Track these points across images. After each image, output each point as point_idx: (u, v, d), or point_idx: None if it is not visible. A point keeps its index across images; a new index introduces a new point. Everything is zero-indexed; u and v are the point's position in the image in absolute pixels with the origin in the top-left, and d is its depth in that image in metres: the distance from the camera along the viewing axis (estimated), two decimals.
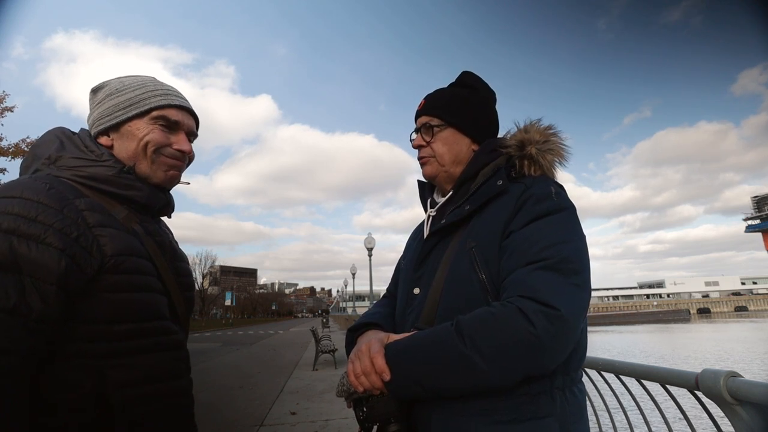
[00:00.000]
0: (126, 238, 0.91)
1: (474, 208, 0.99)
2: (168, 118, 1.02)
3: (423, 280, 1.02)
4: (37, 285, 0.76)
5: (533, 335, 0.78)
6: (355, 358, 0.92)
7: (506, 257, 0.90)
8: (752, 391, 1.30)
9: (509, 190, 0.98)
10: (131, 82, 1.03)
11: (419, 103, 1.17)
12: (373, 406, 0.88)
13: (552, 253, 0.85)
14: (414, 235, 1.26)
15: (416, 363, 0.85)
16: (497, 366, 0.79)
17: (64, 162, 0.93)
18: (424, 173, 1.15)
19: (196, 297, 25.08)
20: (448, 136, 1.12)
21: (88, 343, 0.83)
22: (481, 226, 0.96)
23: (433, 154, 1.11)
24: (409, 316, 1.02)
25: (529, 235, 0.89)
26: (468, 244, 0.95)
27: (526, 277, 0.84)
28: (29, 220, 0.78)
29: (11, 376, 0.73)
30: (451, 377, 0.82)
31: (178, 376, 0.98)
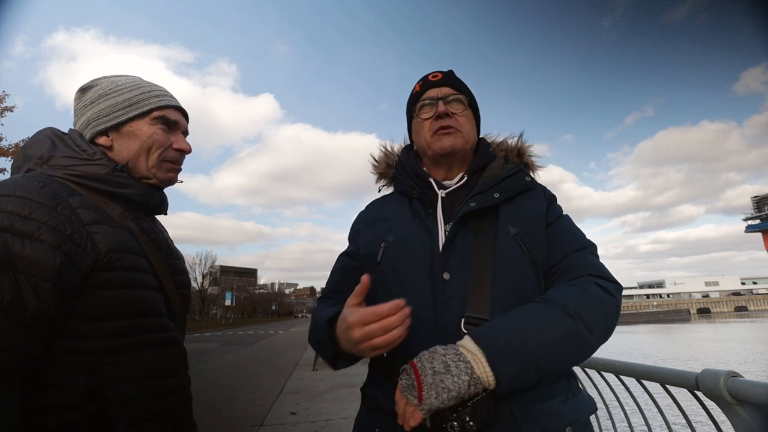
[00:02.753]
0: (121, 235, 0.91)
1: (505, 197, 1.00)
2: (167, 118, 1.04)
3: (453, 265, 0.94)
4: (32, 282, 0.76)
5: (616, 305, 0.90)
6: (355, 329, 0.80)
7: (556, 243, 0.97)
8: (752, 391, 1.30)
9: (534, 187, 1.06)
10: (124, 82, 1.03)
11: (431, 74, 1.12)
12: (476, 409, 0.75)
13: (589, 243, 1.00)
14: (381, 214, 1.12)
15: (534, 347, 0.79)
16: (600, 335, 0.86)
17: (57, 161, 0.93)
18: (445, 144, 1.04)
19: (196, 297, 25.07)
20: (469, 116, 1.11)
21: (84, 341, 0.83)
22: (517, 214, 0.99)
23: (461, 128, 1.06)
24: (447, 303, 0.91)
25: (568, 226, 1.01)
26: (511, 229, 0.96)
27: (588, 259, 0.95)
28: (23, 218, 0.79)
29: (6, 373, 0.73)
30: (567, 354, 0.83)
31: (175, 373, 0.98)
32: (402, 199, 1.11)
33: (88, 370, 0.83)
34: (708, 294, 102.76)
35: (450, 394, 0.74)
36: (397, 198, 1.14)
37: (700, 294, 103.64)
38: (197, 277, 67.73)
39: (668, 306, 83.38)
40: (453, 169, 1.10)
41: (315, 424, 4.87)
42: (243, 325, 57.33)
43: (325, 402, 6.07)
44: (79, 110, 1.03)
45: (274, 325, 52.63)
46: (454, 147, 1.05)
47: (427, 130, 1.07)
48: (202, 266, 70.20)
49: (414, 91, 1.13)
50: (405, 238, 1.02)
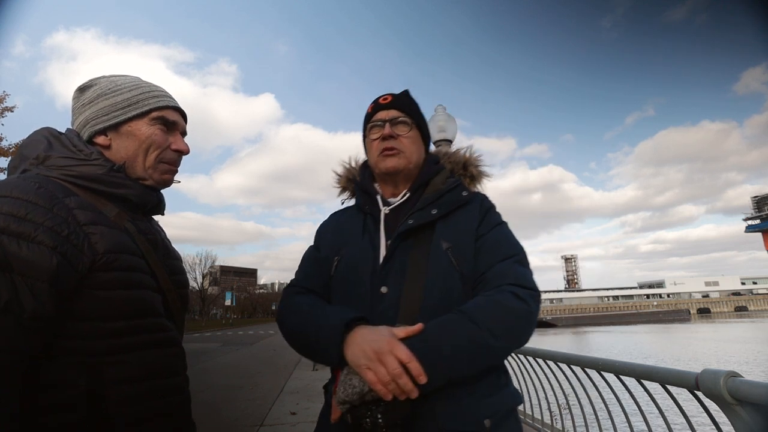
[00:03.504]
0: (117, 235, 0.91)
1: (442, 213, 1.09)
2: (166, 119, 1.03)
3: (391, 279, 1.03)
4: (29, 283, 0.76)
5: (530, 312, 0.96)
6: (375, 363, 0.84)
7: (483, 255, 1.04)
8: (752, 391, 1.30)
9: (471, 200, 1.13)
10: (123, 81, 1.03)
11: (381, 96, 1.20)
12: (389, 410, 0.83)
13: (517, 251, 1.06)
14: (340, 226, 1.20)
15: (444, 356, 0.88)
16: (508, 342, 0.95)
17: (53, 161, 0.92)
18: (388, 165, 1.13)
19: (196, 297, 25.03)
20: (415, 136, 1.18)
21: (83, 341, 0.83)
22: (451, 229, 1.07)
23: (404, 149, 1.15)
24: (383, 313, 0.99)
25: (497, 237, 1.07)
26: (441, 245, 1.04)
27: (508, 269, 1.01)
28: (19, 219, 0.78)
29: (4, 373, 0.73)
30: (473, 362, 0.91)
31: (174, 373, 0.98)
32: (358, 213, 1.19)
33: (88, 370, 0.83)
34: (708, 294, 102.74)
35: (354, 390, 0.85)
36: (354, 211, 1.22)
37: (700, 294, 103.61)
38: (197, 277, 67.68)
39: (668, 306, 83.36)
40: (399, 186, 1.18)
41: (315, 424, 4.87)
42: (243, 325, 57.39)
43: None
44: (78, 109, 1.02)
45: (274, 325, 52.58)
46: (397, 167, 1.14)
47: (374, 150, 1.16)
48: (202, 266, 70.22)
49: (367, 112, 1.21)
50: (353, 254, 1.10)
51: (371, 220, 1.15)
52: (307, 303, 1.07)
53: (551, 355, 3.15)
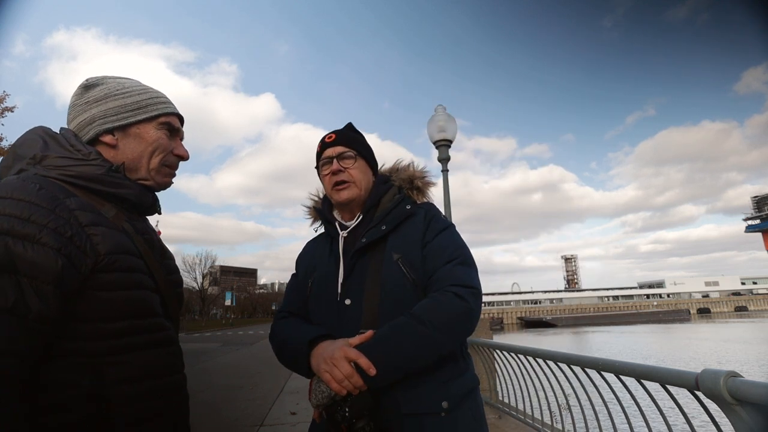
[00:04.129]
0: (118, 236, 0.91)
1: (391, 228, 1.23)
2: (172, 125, 1.07)
3: (352, 291, 1.19)
4: (35, 285, 0.76)
5: (469, 308, 1.09)
6: (331, 367, 1.03)
7: (429, 260, 1.17)
8: (752, 391, 1.30)
9: (416, 212, 1.26)
10: (131, 84, 1.05)
11: (326, 135, 1.34)
12: (354, 404, 1.00)
13: (459, 253, 1.19)
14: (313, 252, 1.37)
15: (393, 354, 1.04)
16: (450, 336, 1.09)
17: (51, 161, 0.92)
18: (342, 197, 1.28)
19: (196, 297, 25.04)
20: (362, 166, 1.32)
21: (85, 342, 0.84)
22: (400, 241, 1.21)
23: (353, 179, 1.28)
24: (348, 323, 1.15)
25: (441, 243, 1.20)
26: (392, 256, 1.18)
27: (450, 271, 1.14)
28: (23, 221, 0.78)
29: (10, 376, 0.73)
30: (421, 355, 1.06)
31: (173, 372, 0.99)
32: (326, 239, 1.35)
33: (90, 370, 0.83)
34: (708, 294, 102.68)
35: (323, 394, 1.03)
36: (323, 238, 1.38)
37: (700, 294, 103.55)
38: (197, 277, 67.61)
39: (668, 306, 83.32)
40: (354, 210, 1.32)
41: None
42: (243, 325, 57.36)
43: None
44: (80, 106, 1.02)
45: None
46: (350, 198, 1.28)
47: (328, 184, 1.31)
48: (202, 266, 70.15)
49: (317, 151, 1.36)
50: (322, 275, 1.27)
51: (336, 244, 1.29)
52: (287, 326, 1.26)
53: (551, 355, 3.15)
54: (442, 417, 1.07)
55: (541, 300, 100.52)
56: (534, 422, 3.69)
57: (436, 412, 1.07)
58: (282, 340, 1.23)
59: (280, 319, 1.32)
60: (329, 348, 1.07)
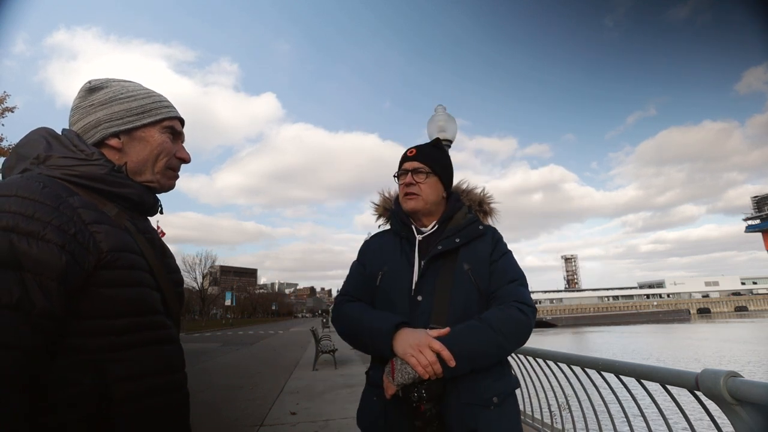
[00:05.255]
0: (120, 234, 0.92)
1: (463, 242, 1.39)
2: (175, 129, 1.09)
3: (425, 290, 1.34)
4: (39, 281, 0.77)
5: (528, 321, 1.28)
6: (417, 352, 1.17)
7: (495, 277, 1.35)
8: (752, 391, 1.30)
9: (485, 233, 1.43)
10: (135, 88, 1.06)
11: (409, 150, 1.50)
12: (430, 387, 1.17)
13: (520, 275, 1.38)
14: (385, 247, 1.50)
15: (469, 350, 1.19)
16: (512, 343, 1.26)
17: (54, 161, 0.93)
18: (408, 206, 1.45)
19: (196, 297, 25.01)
20: (433, 182, 1.47)
21: (87, 339, 0.84)
22: (470, 255, 1.38)
23: (420, 193, 1.44)
24: (419, 317, 1.30)
25: (505, 264, 1.38)
26: (463, 266, 1.35)
27: (514, 289, 1.33)
28: (27, 218, 0.79)
29: (14, 372, 0.73)
30: (489, 356, 1.24)
31: (174, 370, 0.99)
32: (395, 237, 1.49)
33: (92, 368, 0.83)
34: (708, 294, 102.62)
35: (409, 376, 1.17)
36: (391, 235, 1.51)
37: (700, 294, 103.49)
38: (197, 277, 67.54)
39: (668, 306, 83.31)
40: (424, 219, 1.48)
41: (315, 424, 4.87)
42: (243, 325, 57.35)
43: (325, 402, 6.08)
44: (84, 109, 1.03)
45: (274, 325, 52.68)
46: (414, 208, 1.45)
47: (401, 192, 1.49)
48: (202, 266, 70.09)
49: (399, 161, 1.52)
50: (394, 270, 1.41)
51: (407, 244, 1.45)
52: (357, 309, 1.38)
53: (551, 355, 3.15)
54: (492, 410, 1.23)
55: (541, 300, 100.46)
56: (534, 422, 3.68)
57: (488, 405, 1.23)
58: (357, 321, 1.34)
59: (348, 302, 1.43)
60: (414, 335, 1.21)
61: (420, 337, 1.19)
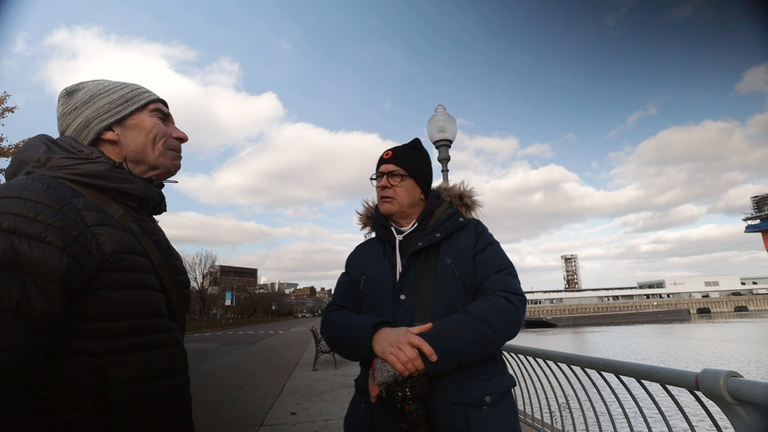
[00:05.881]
0: (124, 236, 0.91)
1: (444, 236, 1.37)
2: (162, 110, 1.09)
3: (407, 288, 1.31)
4: (39, 283, 0.76)
5: (517, 312, 1.22)
6: (396, 350, 1.14)
7: (480, 268, 1.31)
8: (752, 391, 1.30)
9: (465, 225, 1.41)
10: (110, 82, 1.07)
11: (385, 152, 1.49)
12: (414, 386, 1.12)
13: (507, 265, 1.34)
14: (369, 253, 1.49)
15: (452, 344, 1.15)
16: (501, 334, 1.20)
17: (55, 162, 0.93)
18: (383, 209, 1.45)
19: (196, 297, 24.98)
20: (409, 185, 1.45)
21: (88, 341, 0.84)
22: (453, 248, 1.35)
23: (396, 196, 1.43)
24: (402, 316, 1.28)
25: (490, 254, 1.34)
26: (446, 260, 1.32)
27: (500, 279, 1.28)
28: (29, 220, 0.79)
29: (14, 374, 0.73)
30: (476, 349, 1.18)
31: (176, 374, 0.98)
32: (378, 242, 1.49)
33: (93, 370, 0.83)
34: (708, 294, 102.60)
35: (389, 374, 1.13)
36: (375, 242, 1.52)
37: (700, 294, 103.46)
38: (197, 277, 67.54)
39: (668, 306, 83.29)
40: (402, 221, 1.47)
41: (315, 424, 4.87)
42: (243, 325, 57.34)
43: (325, 402, 6.08)
44: (70, 113, 1.03)
45: (274, 325, 52.65)
46: (390, 211, 1.44)
47: (377, 195, 1.49)
48: (202, 266, 70.12)
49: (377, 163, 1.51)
50: (377, 273, 1.40)
51: (389, 247, 1.43)
52: (341, 316, 1.37)
53: (551, 355, 3.15)
54: (485, 410, 1.19)
55: (541, 300, 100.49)
56: (534, 422, 3.69)
57: (480, 405, 1.18)
58: (340, 327, 1.33)
59: (333, 311, 1.42)
60: (393, 333, 1.18)
61: (399, 334, 1.16)
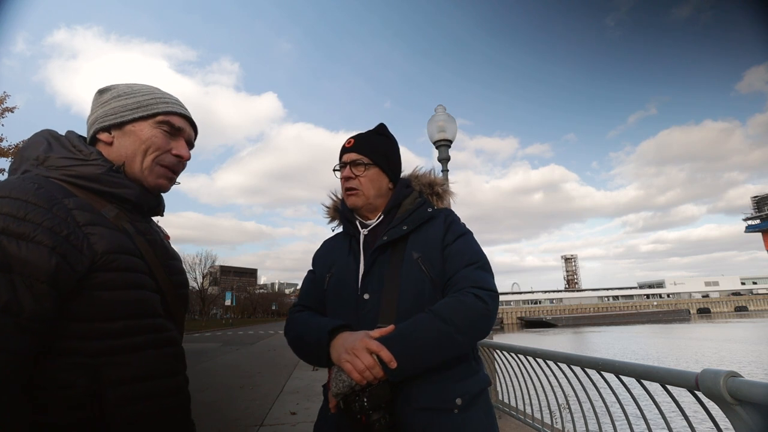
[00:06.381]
0: (116, 236, 0.91)
1: (411, 228, 1.26)
2: (172, 124, 1.05)
3: (371, 287, 1.21)
4: (28, 283, 0.76)
5: (488, 309, 1.12)
6: (352, 357, 1.04)
7: (449, 262, 1.21)
8: (752, 391, 1.30)
9: (436, 216, 1.30)
10: (140, 87, 1.06)
11: (347, 140, 1.37)
12: (373, 394, 1.01)
13: (478, 258, 1.22)
14: (333, 249, 1.40)
15: (414, 348, 1.06)
16: (469, 335, 1.11)
17: (52, 162, 0.93)
18: (349, 203, 1.34)
19: (196, 297, 24.93)
20: (373, 174, 1.33)
21: (82, 341, 0.84)
22: (421, 241, 1.25)
23: (360, 187, 1.31)
24: (365, 317, 1.18)
25: (460, 247, 1.23)
26: (412, 255, 1.22)
27: (470, 274, 1.17)
28: (18, 219, 0.78)
29: (5, 375, 0.73)
30: (441, 352, 1.08)
31: (173, 374, 0.98)
32: (345, 237, 1.39)
33: (87, 370, 0.83)
34: (708, 294, 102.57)
35: (344, 384, 1.04)
36: (342, 236, 1.41)
37: (700, 294, 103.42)
38: (197, 277, 67.51)
39: (668, 306, 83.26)
40: (371, 212, 1.35)
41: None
42: (243, 325, 57.34)
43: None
44: (93, 110, 1.05)
45: (273, 325, 52.60)
46: (355, 204, 1.33)
47: (342, 187, 1.37)
48: (202, 266, 70.07)
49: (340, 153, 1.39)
50: (341, 270, 1.30)
51: (354, 242, 1.33)
52: (302, 318, 1.28)
53: (551, 355, 3.15)
54: (455, 414, 1.09)
55: (541, 300, 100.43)
56: (534, 422, 3.69)
57: (449, 409, 1.09)
58: (299, 331, 1.24)
59: (296, 313, 1.33)
60: (350, 339, 1.09)
61: (356, 340, 1.06)
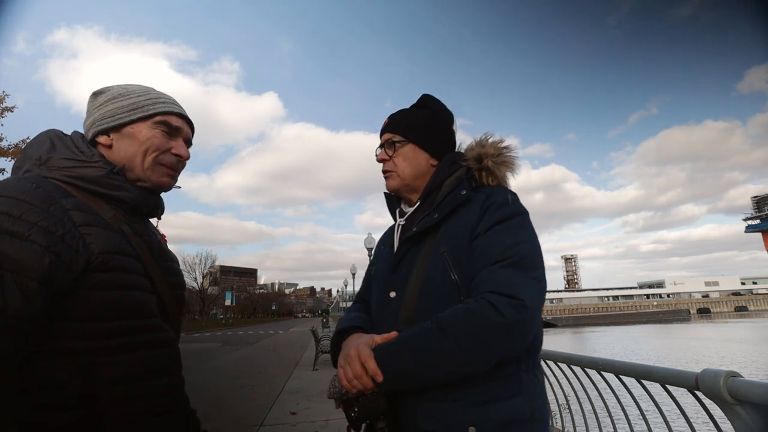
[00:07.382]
0: (113, 237, 0.91)
1: (442, 216, 1.08)
2: (170, 123, 1.05)
3: (398, 284, 1.09)
4: (18, 280, 0.76)
5: (503, 323, 0.89)
6: (345, 363, 0.98)
7: (474, 258, 1.00)
8: (752, 391, 1.30)
9: (473, 199, 1.09)
10: (135, 88, 1.06)
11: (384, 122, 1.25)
12: (364, 405, 0.94)
13: (513, 252, 0.97)
14: (383, 241, 1.31)
15: (404, 361, 0.94)
16: (476, 354, 0.91)
17: (54, 162, 0.93)
18: (388, 186, 1.23)
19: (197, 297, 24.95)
20: (408, 151, 1.19)
21: (77, 341, 0.84)
22: (450, 232, 1.06)
23: (395, 168, 1.19)
24: (388, 317, 1.08)
25: (493, 237, 1.00)
26: (440, 249, 1.04)
27: (493, 274, 0.95)
28: (14, 218, 0.79)
29: None
30: (438, 371, 0.92)
31: (167, 374, 0.98)
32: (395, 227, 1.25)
33: (82, 370, 0.83)
34: (708, 294, 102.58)
35: (335, 389, 0.99)
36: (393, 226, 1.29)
37: (700, 294, 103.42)
38: (197, 277, 67.58)
39: (668, 306, 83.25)
40: (414, 194, 1.21)
41: (315, 424, 4.87)
42: (243, 325, 57.33)
43: (325, 402, 6.06)
44: (90, 112, 1.05)
45: (274, 325, 52.62)
46: (394, 188, 1.21)
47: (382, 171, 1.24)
48: (202, 266, 70.10)
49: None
50: (380, 264, 1.22)
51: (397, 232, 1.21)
52: (348, 312, 1.24)
53: (551, 355, 3.15)
54: None
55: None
56: None
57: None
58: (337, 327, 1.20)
59: (351, 306, 1.31)
60: (353, 342, 1.04)
61: (352, 346, 1.00)
